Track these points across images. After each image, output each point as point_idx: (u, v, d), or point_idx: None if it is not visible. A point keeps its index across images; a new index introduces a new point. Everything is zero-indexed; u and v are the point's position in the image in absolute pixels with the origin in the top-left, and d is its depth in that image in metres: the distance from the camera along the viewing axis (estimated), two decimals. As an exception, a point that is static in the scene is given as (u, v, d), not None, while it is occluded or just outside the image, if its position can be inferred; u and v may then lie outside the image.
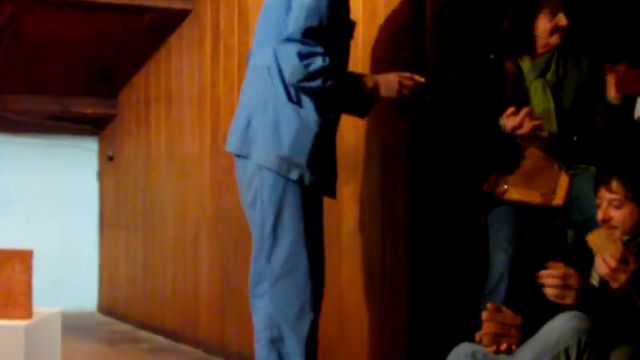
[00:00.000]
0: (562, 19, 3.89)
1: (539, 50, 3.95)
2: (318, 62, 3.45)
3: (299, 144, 3.51)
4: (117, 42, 8.35)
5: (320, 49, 3.47)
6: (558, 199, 3.78)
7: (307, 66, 3.45)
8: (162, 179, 8.09)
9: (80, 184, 11.51)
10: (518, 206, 3.84)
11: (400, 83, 3.60)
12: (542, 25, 3.91)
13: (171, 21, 7.38)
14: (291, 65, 3.47)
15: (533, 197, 3.81)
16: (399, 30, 4.07)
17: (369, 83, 3.61)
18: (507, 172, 3.83)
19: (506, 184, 3.82)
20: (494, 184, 3.84)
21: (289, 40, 3.47)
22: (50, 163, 11.45)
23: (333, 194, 3.67)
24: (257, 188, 3.57)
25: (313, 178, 3.54)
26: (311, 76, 3.46)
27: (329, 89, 3.50)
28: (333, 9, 3.53)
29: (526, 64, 3.92)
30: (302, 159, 3.51)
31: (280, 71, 3.53)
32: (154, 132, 8.47)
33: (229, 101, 6.03)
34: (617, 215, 3.11)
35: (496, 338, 3.03)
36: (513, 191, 3.82)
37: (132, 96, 9.56)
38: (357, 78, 3.62)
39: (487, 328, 3.05)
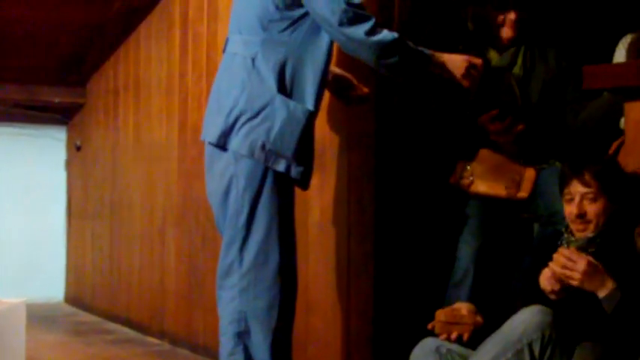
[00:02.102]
0: (509, 13, 3.88)
1: (501, 45, 3.94)
2: (388, 36, 3.42)
3: (286, 136, 3.46)
4: (85, 30, 8.29)
5: (374, 18, 3.43)
6: (523, 192, 3.79)
7: (380, 42, 3.40)
8: (130, 169, 8.04)
9: (48, 173, 11.42)
10: (485, 200, 3.84)
11: (468, 67, 3.57)
12: (494, 18, 3.91)
13: (141, 9, 7.33)
14: (365, 46, 3.42)
15: (498, 190, 3.81)
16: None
17: (438, 61, 3.55)
18: (474, 165, 3.83)
19: (472, 176, 3.82)
20: (461, 176, 3.84)
21: (343, 23, 3.41)
22: (17, 152, 11.35)
23: (307, 185, 3.64)
24: (232, 177, 3.51)
25: (300, 170, 3.50)
26: (387, 52, 3.43)
27: (404, 64, 3.46)
28: None
29: (493, 58, 3.91)
30: (289, 151, 3.46)
31: (270, 61, 3.48)
32: (122, 121, 8.42)
33: (198, 90, 6.00)
34: (591, 209, 3.10)
35: (447, 327, 3.05)
36: (479, 184, 3.82)
37: (100, 85, 9.49)
38: (428, 54, 3.53)
39: (438, 316, 3.10)
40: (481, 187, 3.82)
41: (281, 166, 3.47)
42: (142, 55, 7.68)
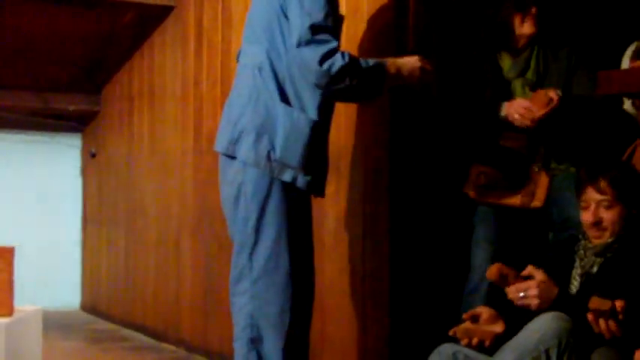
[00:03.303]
0: (531, 7, 3.85)
1: (519, 44, 3.92)
2: (338, 62, 3.37)
3: (291, 146, 3.45)
4: (100, 38, 8.32)
5: (334, 43, 3.39)
6: (537, 201, 3.77)
7: (329, 69, 3.37)
8: (145, 176, 8.05)
9: (63, 180, 11.46)
10: (499, 207, 3.83)
11: (421, 68, 3.55)
12: (514, 16, 3.87)
13: (155, 17, 7.35)
14: (313, 72, 3.39)
15: (512, 199, 3.79)
16: (383, 28, 4.05)
17: (392, 70, 3.52)
18: (487, 174, 3.81)
19: (486, 186, 3.81)
20: (474, 186, 3.83)
21: (301, 44, 3.39)
22: (33, 159, 11.40)
23: (321, 193, 3.64)
24: (241, 185, 3.51)
25: (307, 180, 3.49)
26: (336, 79, 3.39)
27: (357, 87, 3.43)
28: (330, 2, 3.47)
29: (506, 63, 3.89)
30: (294, 161, 3.46)
31: (274, 71, 3.48)
32: (136, 129, 8.44)
33: (212, 98, 6.01)
34: (607, 216, 3.08)
35: (469, 332, 3.04)
36: (493, 193, 3.80)
37: (115, 92, 9.52)
38: (380, 67, 3.50)
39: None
40: (495, 196, 3.80)
41: (287, 176, 3.47)
42: (156, 63, 7.70)
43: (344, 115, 4.14)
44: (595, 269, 3.09)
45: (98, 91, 10.20)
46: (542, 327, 2.80)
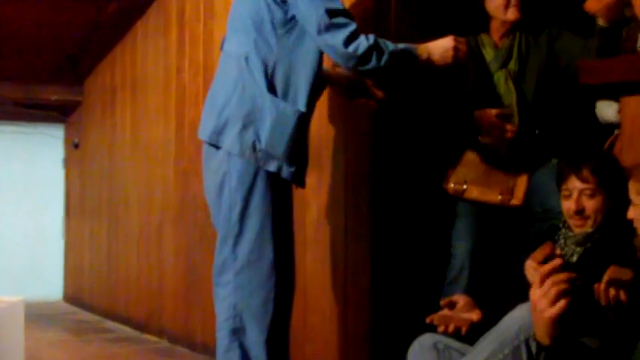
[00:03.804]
0: None
1: (502, 31, 3.89)
2: (363, 43, 3.40)
3: (277, 136, 3.46)
4: (83, 28, 8.27)
5: (354, 25, 3.41)
6: (516, 200, 3.77)
7: (356, 50, 3.39)
8: (128, 167, 8.03)
9: (46, 171, 11.40)
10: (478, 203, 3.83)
11: (455, 48, 3.54)
12: (495, 1, 3.86)
13: (137, 8, 7.33)
14: (340, 56, 3.42)
15: (491, 196, 3.79)
16: (363, 19, 4.04)
17: (424, 54, 3.52)
18: (466, 171, 3.81)
19: (465, 183, 3.80)
20: (453, 182, 3.82)
21: (321, 31, 3.40)
22: (15, 150, 11.33)
23: (302, 184, 3.64)
24: (225, 174, 3.52)
25: (291, 170, 3.50)
26: (364, 59, 3.40)
27: (386, 67, 3.43)
28: None
29: (489, 53, 3.87)
30: (280, 151, 3.47)
31: (261, 60, 3.48)
32: (119, 119, 8.41)
33: (194, 88, 6.00)
34: (590, 205, 3.08)
35: (445, 319, 3.04)
36: (472, 189, 3.80)
37: (97, 83, 9.49)
38: (410, 51, 3.51)
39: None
40: (474, 192, 3.80)
41: (272, 167, 3.48)
42: (138, 53, 7.67)
43: (326, 106, 4.13)
44: (575, 258, 3.09)
45: (81, 82, 10.15)
46: (522, 317, 2.80)
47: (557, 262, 2.63)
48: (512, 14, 3.84)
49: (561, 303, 2.46)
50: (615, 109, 3.67)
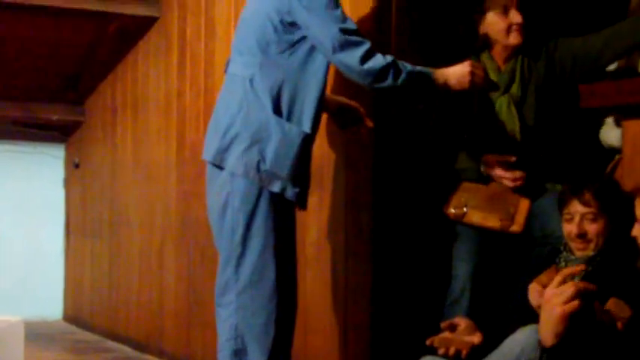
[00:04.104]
0: (515, 16, 3.80)
1: (503, 55, 3.89)
2: (379, 60, 3.42)
3: (281, 157, 3.48)
4: (84, 48, 8.29)
5: (368, 43, 3.44)
6: (517, 226, 3.75)
7: (372, 68, 3.41)
8: (128, 187, 8.03)
9: (46, 191, 11.40)
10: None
11: (472, 73, 3.55)
12: (497, 25, 3.83)
13: (139, 28, 7.33)
14: (356, 74, 3.44)
15: (492, 222, 3.77)
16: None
17: (440, 79, 3.53)
18: (467, 195, 3.80)
19: (466, 207, 3.79)
20: (454, 207, 3.81)
21: (336, 50, 3.43)
22: (16, 169, 11.34)
23: (304, 205, 3.65)
24: (228, 195, 3.53)
25: (296, 191, 3.52)
26: (380, 77, 3.42)
27: (402, 87, 3.45)
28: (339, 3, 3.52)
29: (491, 77, 3.85)
30: (284, 172, 3.48)
31: (266, 82, 3.50)
32: (120, 139, 8.42)
33: (195, 109, 6.00)
34: (592, 229, 3.10)
35: (446, 342, 3.04)
36: (473, 214, 3.78)
37: (99, 103, 9.50)
38: (428, 74, 3.52)
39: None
40: (475, 217, 3.78)
41: (276, 187, 3.49)
42: (139, 74, 7.68)
43: (327, 126, 4.14)
44: (576, 281, 3.09)
45: (81, 102, 10.16)
46: (523, 340, 2.80)
47: (580, 266, 2.66)
48: (514, 39, 3.83)
49: (575, 302, 2.49)
50: (618, 133, 3.67)
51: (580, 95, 3.34)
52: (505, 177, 3.74)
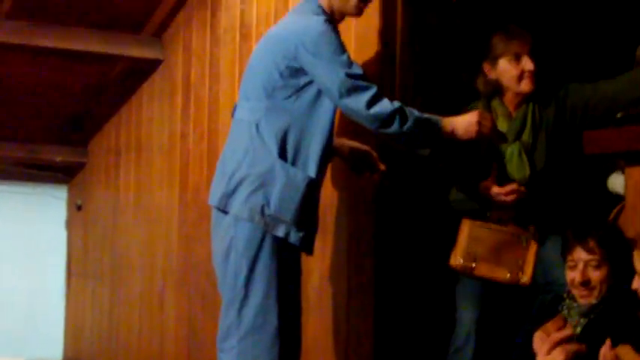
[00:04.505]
0: (528, 64, 3.77)
1: (514, 101, 3.86)
2: (387, 105, 3.43)
3: (286, 201, 3.48)
4: (88, 90, 8.32)
5: (375, 87, 3.45)
6: (526, 278, 3.71)
7: (379, 112, 3.41)
8: (130, 230, 8.02)
9: (48, 232, 11.42)
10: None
11: (479, 123, 3.53)
12: (509, 72, 3.80)
13: (143, 70, 7.37)
14: (363, 118, 3.45)
15: (500, 274, 3.74)
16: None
17: (448, 127, 3.51)
18: (475, 246, 3.76)
19: (474, 260, 3.75)
20: (462, 258, 3.77)
21: (343, 95, 3.44)
22: (19, 210, 11.37)
23: (310, 250, 3.64)
24: (232, 239, 3.53)
25: (300, 236, 3.51)
26: (387, 122, 3.42)
27: (409, 133, 3.44)
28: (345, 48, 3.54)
29: (502, 124, 3.79)
30: (288, 216, 3.48)
31: (272, 127, 3.51)
32: (122, 182, 8.42)
33: (199, 152, 6.00)
34: (595, 276, 3.08)
35: None
36: (481, 267, 3.75)
37: (102, 145, 9.51)
38: (435, 122, 3.51)
39: None
40: (483, 270, 3.75)
41: (280, 232, 3.48)
42: (143, 116, 7.70)
43: (330, 170, 4.13)
44: (579, 329, 3.07)
45: (85, 143, 10.19)
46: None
47: (567, 332, 2.62)
48: (526, 86, 3.80)
49: None
50: (623, 180, 3.66)
51: (583, 142, 3.34)
52: (501, 193, 3.69)
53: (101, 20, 6.71)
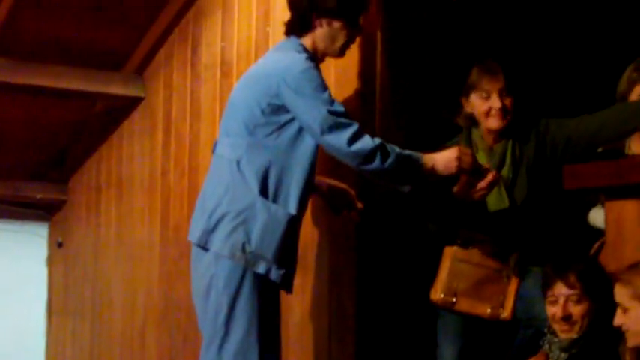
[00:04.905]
0: (495, 101, 3.74)
1: (490, 136, 3.83)
2: (368, 142, 3.43)
3: (267, 238, 3.49)
4: (69, 127, 8.30)
5: (357, 124, 3.46)
6: (506, 313, 3.71)
7: (360, 149, 3.42)
8: (111, 267, 7.99)
9: (29, 270, 11.33)
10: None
11: (459, 159, 3.53)
12: (478, 107, 3.80)
13: (124, 108, 7.35)
14: (344, 155, 3.46)
15: (481, 310, 3.74)
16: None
17: (428, 164, 3.52)
18: (455, 282, 3.75)
19: (455, 295, 3.75)
20: (443, 293, 3.76)
21: (324, 132, 3.45)
22: (-1, 248, 11.30)
23: (290, 288, 3.64)
24: (212, 277, 3.53)
25: (281, 273, 3.51)
26: (368, 159, 3.43)
27: (390, 170, 3.45)
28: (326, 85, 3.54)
29: (482, 158, 3.78)
30: (269, 253, 3.48)
31: (253, 164, 3.52)
32: (103, 219, 8.39)
33: (180, 189, 5.99)
34: (576, 311, 3.10)
35: None
36: (462, 302, 3.74)
37: (83, 182, 9.48)
38: (416, 158, 3.52)
39: None
40: (464, 305, 3.74)
41: (261, 269, 3.48)
42: (124, 153, 7.69)
43: (311, 207, 4.14)
44: (560, 364, 3.09)
45: (66, 181, 10.14)
46: None
47: None
48: (492, 123, 3.79)
49: None
50: (603, 214, 3.66)
51: (563, 176, 3.35)
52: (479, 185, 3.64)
53: (82, 57, 6.70)
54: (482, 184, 3.59)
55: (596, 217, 3.81)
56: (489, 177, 3.59)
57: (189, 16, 5.98)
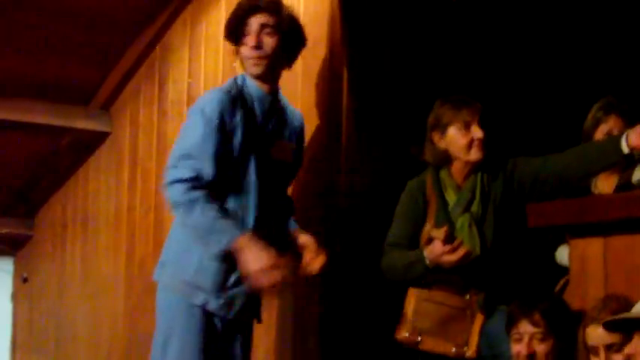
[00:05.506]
0: (477, 132, 3.70)
1: (463, 171, 3.83)
2: (175, 192, 3.42)
3: (204, 268, 3.49)
4: (35, 163, 8.27)
5: (187, 175, 3.42)
6: (471, 352, 3.69)
7: (170, 195, 3.45)
8: (76, 303, 7.94)
9: (-7, 305, 11.27)
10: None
11: (263, 271, 3.36)
12: (458, 140, 3.74)
13: (90, 143, 7.34)
14: (166, 191, 3.48)
15: (446, 348, 3.71)
16: (314, 159, 4.07)
17: (238, 244, 3.39)
18: (420, 321, 3.73)
19: (420, 334, 3.73)
20: (408, 332, 3.74)
21: (168, 167, 3.50)
22: (-37, 282, 11.22)
23: (241, 316, 3.62)
24: (157, 309, 3.60)
25: (219, 302, 3.52)
26: (173, 205, 3.46)
27: (195, 222, 3.43)
28: (213, 131, 3.50)
29: (450, 196, 3.77)
30: (207, 283, 3.49)
31: None
32: (69, 254, 8.35)
33: (145, 225, 5.97)
34: (541, 349, 3.10)
35: None
36: (427, 341, 3.72)
37: (48, 217, 9.44)
38: (230, 231, 3.42)
39: None
40: (428, 344, 3.71)
41: (198, 300, 3.50)
42: (90, 189, 7.66)
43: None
44: (526, 401, 3.09)
45: (32, 216, 10.10)
46: None
47: None
48: (475, 154, 3.74)
49: None
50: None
51: (528, 214, 3.36)
52: (447, 253, 3.62)
53: (49, 92, 6.69)
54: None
55: (563, 254, 3.81)
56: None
57: (157, 53, 5.98)
